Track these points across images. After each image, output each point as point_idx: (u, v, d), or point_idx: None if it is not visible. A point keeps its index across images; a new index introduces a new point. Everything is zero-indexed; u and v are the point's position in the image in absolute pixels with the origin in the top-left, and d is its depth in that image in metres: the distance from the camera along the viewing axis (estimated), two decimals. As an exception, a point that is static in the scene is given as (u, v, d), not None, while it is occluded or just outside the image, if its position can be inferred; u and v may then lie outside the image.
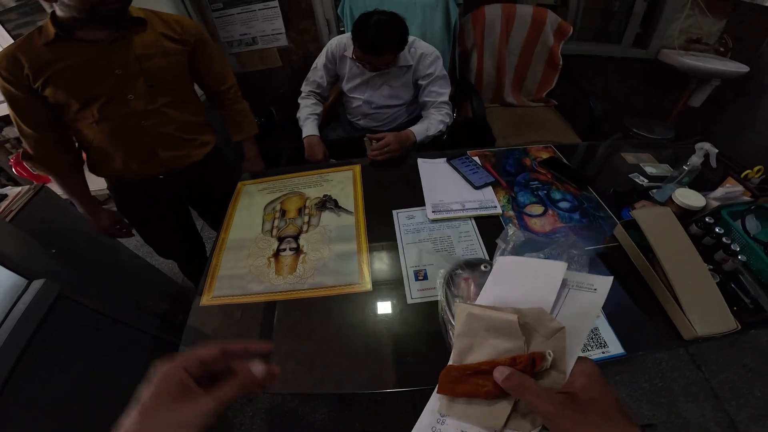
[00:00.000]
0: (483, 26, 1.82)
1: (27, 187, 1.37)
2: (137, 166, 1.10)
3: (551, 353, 0.44)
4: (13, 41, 1.80)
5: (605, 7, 2.22)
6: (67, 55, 0.92)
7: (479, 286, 0.71)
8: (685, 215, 0.88)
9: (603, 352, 0.68)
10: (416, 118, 1.51)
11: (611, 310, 0.75)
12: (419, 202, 1.05)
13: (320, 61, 1.47)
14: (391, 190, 1.14)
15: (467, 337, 0.51)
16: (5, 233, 0.99)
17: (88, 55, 0.93)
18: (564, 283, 0.56)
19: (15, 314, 0.86)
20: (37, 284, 0.93)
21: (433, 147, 1.42)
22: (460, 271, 0.78)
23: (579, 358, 0.45)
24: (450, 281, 0.78)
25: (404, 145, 1.26)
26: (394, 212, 1.02)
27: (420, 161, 1.19)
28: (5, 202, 1.30)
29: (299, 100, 1.52)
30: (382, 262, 0.90)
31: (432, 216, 0.99)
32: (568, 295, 0.55)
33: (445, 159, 1.19)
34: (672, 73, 2.16)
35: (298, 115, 1.50)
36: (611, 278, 0.54)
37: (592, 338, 0.70)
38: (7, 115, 1.05)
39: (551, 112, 2.00)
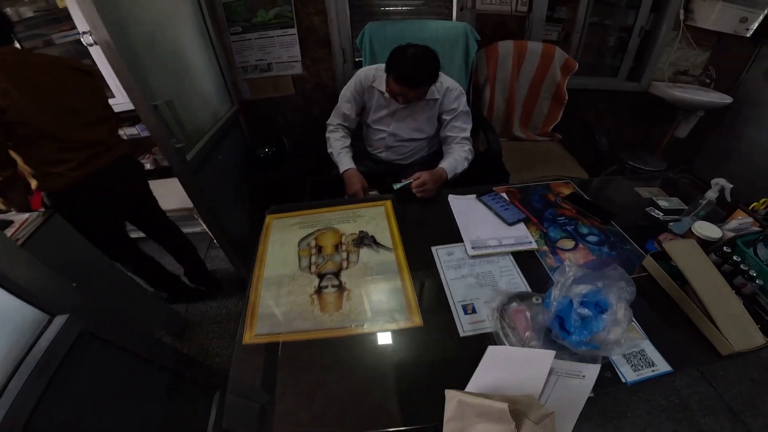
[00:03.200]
0: (496, 62, 1.89)
1: (35, 213, 1.31)
2: None
3: None
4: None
5: (602, 42, 2.35)
6: None
7: (533, 318, 0.76)
8: (703, 246, 0.95)
9: (653, 371, 0.74)
10: (435, 153, 1.54)
11: (653, 334, 0.81)
12: (455, 237, 1.07)
13: (347, 92, 1.47)
14: (425, 225, 1.16)
15: (458, 421, 0.55)
16: (23, 264, 0.92)
17: None
18: (552, 371, 0.62)
19: (37, 351, 0.81)
20: (60, 320, 0.89)
21: (450, 181, 1.45)
22: (515, 304, 0.82)
23: None
24: (503, 313, 0.82)
25: (438, 184, 1.28)
26: (433, 248, 1.04)
27: (451, 198, 1.22)
28: (11, 229, 1.24)
29: (327, 134, 1.52)
30: (428, 298, 0.92)
31: (472, 252, 1.01)
32: (558, 382, 0.61)
33: (475, 195, 1.23)
34: (660, 105, 2.29)
35: (329, 150, 1.49)
36: (599, 366, 0.63)
37: (641, 359, 0.75)
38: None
39: (557, 146, 2.08)
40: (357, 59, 2.08)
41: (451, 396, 0.57)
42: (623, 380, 0.72)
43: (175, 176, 1.51)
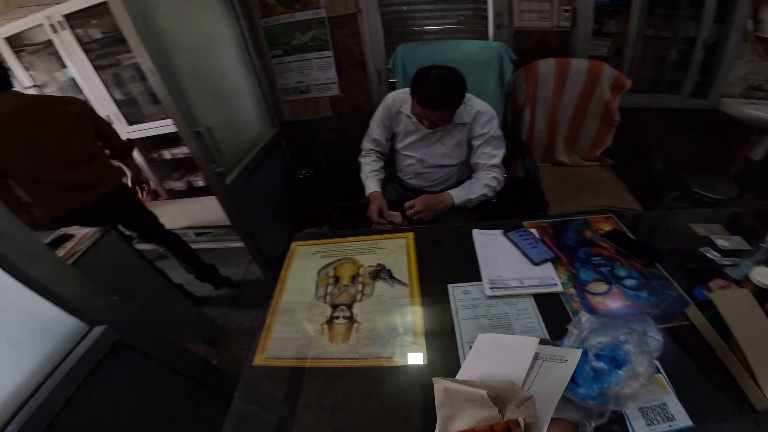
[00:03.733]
0: (536, 81, 1.80)
1: (94, 229, 1.45)
2: None
3: (522, 420, 0.51)
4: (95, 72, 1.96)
5: (660, 56, 2.15)
6: None
7: None
8: (761, 294, 0.82)
9: (670, 426, 0.67)
10: (467, 180, 1.48)
11: (680, 384, 0.73)
12: (475, 276, 1.02)
13: (377, 117, 1.48)
14: (446, 261, 1.11)
15: (448, 407, 0.59)
16: (71, 279, 1.02)
17: None
18: (537, 356, 0.66)
19: (73, 357, 0.90)
20: (97, 330, 0.97)
21: (483, 211, 1.39)
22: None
23: (553, 419, 0.55)
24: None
25: (435, 208, 1.24)
26: (450, 286, 1.00)
27: (475, 233, 1.16)
28: (71, 243, 1.38)
29: (360, 159, 1.55)
30: (437, 337, 0.88)
31: (489, 293, 0.96)
32: (542, 366, 0.65)
33: (501, 231, 1.16)
34: (731, 124, 2.05)
35: (360, 174, 1.52)
36: (580, 350, 0.66)
37: (658, 413, 0.69)
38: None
39: (606, 171, 1.91)
40: (392, 80, 2.09)
41: (438, 383, 0.61)
42: (632, 435, 0.66)
43: (215, 197, 1.61)
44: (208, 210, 2.10)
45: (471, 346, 0.84)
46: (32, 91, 2.14)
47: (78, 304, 0.95)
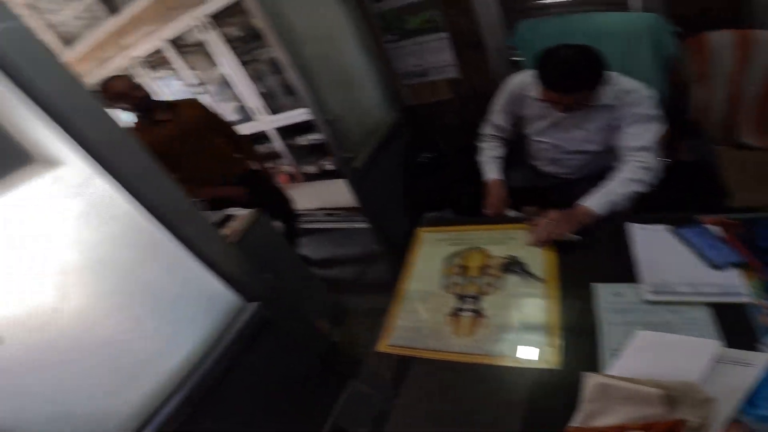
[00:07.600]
0: (707, 56, 1.43)
1: (250, 211, 1.58)
2: None
3: (691, 421, 0.48)
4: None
5: None
6: None
7: None
8: None
9: None
10: (608, 169, 1.21)
11: None
12: (626, 275, 0.88)
13: (499, 102, 1.37)
14: (590, 257, 0.98)
15: (597, 402, 0.57)
16: (236, 257, 1.11)
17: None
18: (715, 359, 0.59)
19: (233, 331, 1.01)
20: (252, 306, 1.07)
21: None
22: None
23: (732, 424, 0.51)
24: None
25: (574, 227, 1.03)
26: (595, 285, 0.88)
27: (634, 227, 0.99)
28: (234, 223, 1.52)
29: (480, 144, 1.47)
30: (574, 340, 0.80)
31: (651, 297, 0.82)
32: (717, 368, 0.59)
33: (667, 226, 0.97)
34: None
35: (478, 158, 1.44)
36: None
37: None
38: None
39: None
40: (512, 59, 1.90)
41: (593, 378, 0.58)
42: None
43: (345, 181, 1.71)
44: (337, 192, 2.24)
45: (616, 354, 0.74)
46: (198, 89, 2.50)
47: (241, 281, 1.06)
